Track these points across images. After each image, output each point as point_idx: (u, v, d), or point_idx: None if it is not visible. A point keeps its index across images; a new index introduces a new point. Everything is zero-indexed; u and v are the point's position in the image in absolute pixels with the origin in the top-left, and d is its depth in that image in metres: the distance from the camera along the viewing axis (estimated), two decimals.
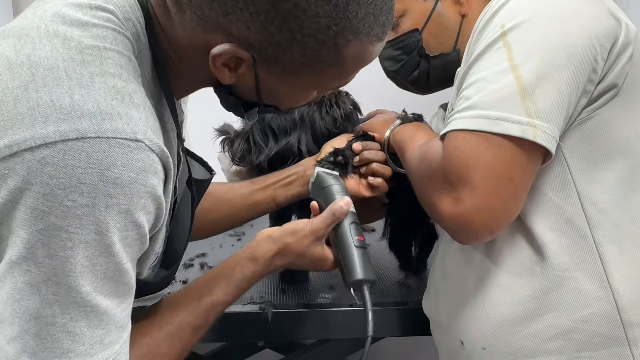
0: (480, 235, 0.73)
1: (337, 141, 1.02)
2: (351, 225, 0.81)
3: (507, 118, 0.68)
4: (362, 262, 0.78)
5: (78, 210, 0.50)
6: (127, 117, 0.52)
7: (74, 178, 0.50)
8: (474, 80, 0.73)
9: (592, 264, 0.74)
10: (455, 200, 0.70)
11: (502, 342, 0.78)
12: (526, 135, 0.68)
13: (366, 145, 0.98)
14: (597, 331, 0.73)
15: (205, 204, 0.96)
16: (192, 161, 0.83)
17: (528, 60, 0.70)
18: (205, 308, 0.73)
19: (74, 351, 0.53)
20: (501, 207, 0.70)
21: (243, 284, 0.77)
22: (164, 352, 0.68)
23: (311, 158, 1.01)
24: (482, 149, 0.69)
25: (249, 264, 0.79)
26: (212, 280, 0.76)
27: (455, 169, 0.71)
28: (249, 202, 0.99)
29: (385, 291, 1.14)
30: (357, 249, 0.79)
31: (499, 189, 0.69)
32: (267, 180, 1.00)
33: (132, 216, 0.53)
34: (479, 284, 0.81)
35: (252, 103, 0.69)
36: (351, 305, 1.04)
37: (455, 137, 0.72)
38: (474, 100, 0.71)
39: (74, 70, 0.52)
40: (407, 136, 0.93)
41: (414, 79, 1.08)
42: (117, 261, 0.54)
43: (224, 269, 0.78)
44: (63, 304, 0.52)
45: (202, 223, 0.96)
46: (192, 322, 0.71)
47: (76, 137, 0.50)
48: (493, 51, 0.72)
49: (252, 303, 1.06)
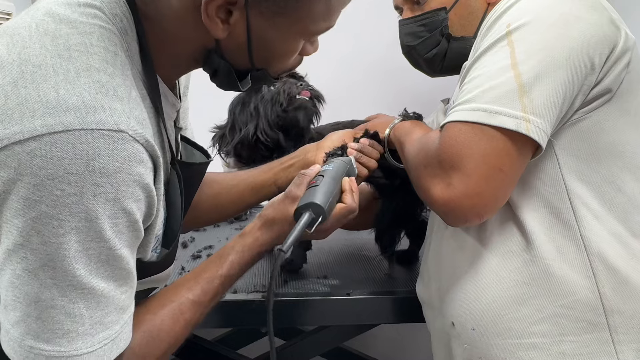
0: (469, 219, 0.74)
1: (340, 134, 1.02)
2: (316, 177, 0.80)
3: (504, 112, 0.69)
4: (308, 194, 0.76)
5: (67, 199, 0.51)
6: (111, 110, 0.53)
7: (62, 168, 0.50)
8: (476, 75, 0.74)
9: (577, 254, 0.75)
10: (447, 185, 0.72)
11: (491, 324, 0.79)
12: (520, 129, 0.69)
13: (372, 143, 0.99)
14: (581, 317, 0.75)
15: (212, 191, 0.98)
16: (191, 148, 0.85)
17: (529, 60, 0.70)
18: (201, 284, 0.72)
19: (75, 331, 0.54)
20: (490, 194, 0.71)
21: (236, 258, 0.76)
22: (168, 326, 0.68)
23: (313, 144, 1.01)
24: (476, 140, 0.70)
25: (238, 239, 0.79)
26: (208, 261, 0.77)
27: (449, 156, 0.72)
28: (252, 186, 0.99)
29: (380, 281, 1.17)
30: (307, 190, 0.78)
31: (489, 177, 0.70)
32: (270, 165, 1.01)
33: (120, 204, 0.54)
34: (470, 268, 0.82)
35: (244, 72, 0.69)
36: (348, 294, 1.08)
37: (452, 127, 0.73)
38: (474, 94, 0.72)
39: (61, 66, 0.53)
40: (406, 131, 0.94)
41: (430, 57, 1.08)
42: (110, 246, 0.54)
43: (219, 250, 0.79)
44: (61, 287, 0.53)
45: (209, 209, 0.98)
46: (191, 298, 0.71)
47: (62, 129, 0.50)
48: (497, 48, 0.73)
49: (255, 292, 1.10)
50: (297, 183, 0.79)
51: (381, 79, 1.83)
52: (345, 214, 0.80)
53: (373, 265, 1.27)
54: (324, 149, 0.97)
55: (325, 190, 0.76)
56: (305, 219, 0.73)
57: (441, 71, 1.12)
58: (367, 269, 1.25)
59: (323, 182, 0.78)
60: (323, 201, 0.74)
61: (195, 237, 1.46)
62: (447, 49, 1.06)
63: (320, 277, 1.19)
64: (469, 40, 1.02)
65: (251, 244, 0.78)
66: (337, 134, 1.02)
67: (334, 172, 0.81)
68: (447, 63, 1.08)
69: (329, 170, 0.82)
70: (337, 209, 0.79)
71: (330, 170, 0.82)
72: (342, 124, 1.18)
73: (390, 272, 1.22)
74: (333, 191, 0.78)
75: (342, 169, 0.85)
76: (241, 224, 1.61)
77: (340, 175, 0.82)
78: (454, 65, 1.04)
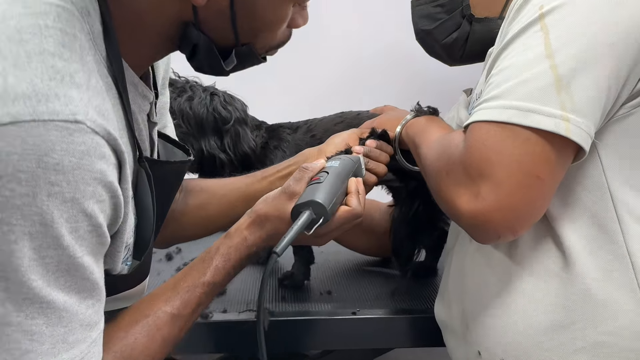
0: (501, 235, 0.70)
1: (344, 135, 0.98)
2: (319, 174, 0.77)
3: (539, 110, 0.66)
4: (308, 191, 0.74)
5: (18, 200, 0.48)
6: (66, 98, 0.51)
7: (10, 166, 0.48)
8: (505, 65, 0.70)
9: (622, 272, 0.71)
10: (475, 196, 0.68)
11: (524, 354, 0.75)
12: (559, 130, 0.65)
13: (381, 145, 0.95)
14: (626, 346, 0.70)
15: (197, 201, 0.95)
16: (171, 147, 0.83)
17: (566, 48, 0.66)
18: (181, 294, 0.71)
19: (35, 351, 0.52)
20: (525, 205, 0.68)
21: (220, 262, 0.74)
22: (143, 344, 0.66)
23: (314, 148, 0.98)
24: (507, 143, 0.67)
25: (223, 240, 0.76)
26: (189, 267, 0.75)
27: (476, 163, 0.68)
28: (245, 196, 0.94)
29: (392, 298, 1.13)
30: (308, 186, 0.75)
31: (524, 186, 0.66)
32: (265, 173, 0.97)
33: (80, 205, 0.51)
34: (500, 287, 0.78)
35: (227, 49, 0.67)
36: (354, 313, 1.02)
37: (479, 129, 0.69)
38: (503, 88, 0.69)
39: (10, 50, 0.50)
40: (421, 129, 0.90)
41: (449, 42, 1.04)
42: (70, 254, 0.52)
43: (202, 253, 0.76)
44: (15, 301, 0.50)
45: (194, 221, 0.94)
46: (169, 311, 0.69)
47: (10, 121, 0.48)
48: (529, 34, 0.69)
49: (248, 310, 1.04)
50: (297, 178, 0.77)
51: (391, 68, 1.77)
52: (350, 219, 0.77)
53: (383, 279, 1.23)
54: (326, 154, 0.93)
55: (329, 188, 0.74)
56: (305, 219, 0.70)
57: (462, 59, 1.08)
58: (376, 284, 1.21)
59: (327, 179, 0.75)
60: (326, 200, 0.72)
61: (182, 248, 1.42)
62: (468, 33, 1.02)
63: (324, 293, 1.14)
64: (493, 21, 0.98)
65: (238, 244, 0.75)
66: (341, 137, 0.98)
67: (340, 170, 0.79)
68: (469, 49, 1.04)
69: (335, 167, 0.79)
70: (340, 212, 0.76)
71: (336, 167, 0.79)
72: (346, 118, 1.15)
73: (404, 287, 1.17)
74: (338, 191, 0.75)
75: (349, 167, 0.82)
76: None
77: (346, 174, 0.79)
78: (477, 51, 1.01)
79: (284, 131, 1.18)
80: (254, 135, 1.17)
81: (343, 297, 1.12)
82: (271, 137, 1.18)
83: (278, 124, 1.21)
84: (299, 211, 0.72)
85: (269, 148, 1.17)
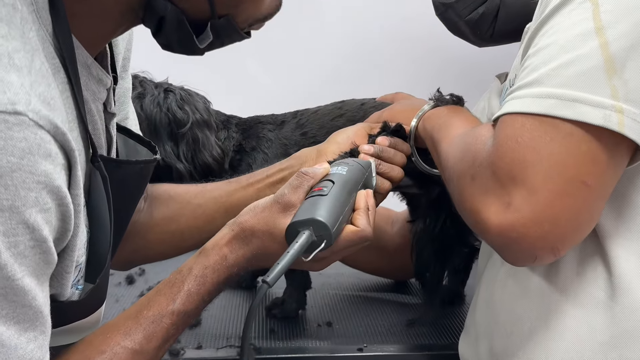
0: (538, 255, 0.67)
1: (349, 132, 0.94)
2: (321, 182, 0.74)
3: (586, 100, 0.63)
4: (309, 207, 0.70)
5: None
6: (4, 84, 0.49)
7: None
8: (545, 44, 0.67)
9: None
10: (506, 206, 0.65)
11: None
12: (609, 124, 0.62)
13: (395, 143, 0.90)
14: None
15: (166, 212, 0.91)
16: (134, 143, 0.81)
17: (620, 22, 0.63)
18: (144, 325, 0.67)
19: None
20: (568, 218, 0.64)
21: (194, 286, 0.70)
22: None
23: (312, 148, 0.93)
24: (546, 140, 0.64)
25: (197, 259, 0.72)
26: (155, 291, 0.70)
27: (507, 164, 0.65)
28: (226, 207, 0.89)
29: (409, 332, 1.08)
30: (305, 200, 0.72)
31: (566, 194, 0.64)
32: (251, 178, 0.92)
33: (20, 215, 0.50)
34: (537, 322, 0.74)
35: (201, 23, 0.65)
36: (360, 350, 0.98)
37: (512, 122, 0.67)
38: (542, 72, 0.66)
39: None
40: (442, 123, 0.86)
41: (475, 18, 1.03)
42: (7, 275, 0.50)
43: (171, 275, 0.72)
44: None
45: (161, 236, 0.91)
46: (129, 346, 0.66)
47: None
48: (573, 6, 0.66)
49: (228, 347, 0.99)
50: (295, 185, 0.73)
51: (405, 47, 1.69)
52: (356, 242, 0.73)
53: (396, 308, 1.19)
54: (328, 156, 0.90)
55: (334, 203, 0.70)
56: (303, 241, 0.66)
57: (492, 38, 1.06)
58: (388, 314, 1.16)
59: (332, 191, 0.71)
60: (330, 219, 0.68)
61: (146, 270, 1.34)
62: (498, 6, 1.01)
63: (323, 325, 1.09)
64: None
65: (216, 264, 0.71)
66: (345, 133, 0.93)
67: (348, 179, 0.75)
68: (500, 26, 1.03)
69: (342, 175, 0.75)
70: (346, 233, 0.72)
71: (343, 175, 0.75)
72: (347, 110, 1.08)
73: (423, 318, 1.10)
74: (345, 207, 0.71)
75: (359, 176, 0.77)
76: None
77: (355, 185, 0.75)
78: (510, 29, 1.01)
79: (263, 127, 1.10)
80: (222, 139, 1.10)
81: (346, 329, 1.08)
82: (247, 137, 1.10)
83: (255, 118, 1.13)
84: (296, 230, 0.67)
85: (244, 151, 1.09)
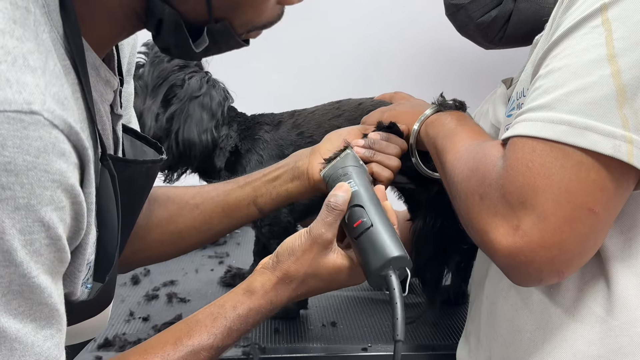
0: (544, 277, 0.67)
1: (343, 132, 0.92)
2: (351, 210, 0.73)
3: (596, 128, 0.62)
4: (374, 248, 0.69)
5: None
6: (20, 84, 0.49)
7: None
8: (557, 67, 0.66)
9: None
10: (514, 229, 0.65)
11: None
12: (619, 154, 0.61)
13: (389, 137, 0.88)
14: None
15: (165, 213, 0.89)
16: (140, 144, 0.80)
17: (632, 50, 0.62)
18: (182, 354, 0.67)
19: None
20: (575, 243, 0.64)
21: (235, 324, 0.70)
22: None
23: (306, 149, 0.92)
24: (556, 166, 0.63)
25: (243, 298, 0.72)
26: (195, 321, 0.70)
27: (518, 189, 0.65)
28: (222, 206, 0.89)
29: (413, 332, 1.07)
30: (356, 240, 0.71)
31: (575, 220, 0.63)
32: (248, 178, 0.91)
33: (36, 213, 0.49)
34: (536, 333, 0.74)
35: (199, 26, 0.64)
36: (365, 350, 0.97)
37: (522, 146, 0.66)
38: (554, 97, 0.64)
39: None
40: (447, 131, 0.83)
41: (487, 21, 1.00)
42: (23, 272, 0.50)
43: (212, 306, 0.71)
44: None
45: (161, 237, 0.89)
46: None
47: None
48: (587, 30, 0.64)
49: (233, 346, 0.96)
50: (328, 223, 0.72)
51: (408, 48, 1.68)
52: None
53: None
54: (323, 154, 0.88)
55: (385, 229, 0.70)
56: (397, 284, 0.67)
57: (501, 41, 1.04)
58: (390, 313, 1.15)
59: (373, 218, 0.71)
60: (399, 247, 0.68)
61: (151, 270, 1.33)
62: (511, 12, 0.98)
63: (327, 325, 1.09)
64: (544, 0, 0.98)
65: (261, 307, 0.72)
66: (338, 133, 0.92)
67: (371, 194, 0.74)
68: (511, 31, 1.01)
69: (360, 192, 0.74)
70: None
71: (361, 191, 0.74)
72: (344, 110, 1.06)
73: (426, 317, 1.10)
74: (389, 222, 0.71)
75: (364, 178, 0.77)
76: (216, 250, 1.49)
77: (372, 193, 0.74)
78: (520, 34, 0.99)
79: (260, 128, 1.07)
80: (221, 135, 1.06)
81: (351, 329, 1.07)
82: (243, 138, 1.07)
83: (254, 118, 1.10)
84: (379, 277, 0.68)
85: (239, 152, 1.06)
